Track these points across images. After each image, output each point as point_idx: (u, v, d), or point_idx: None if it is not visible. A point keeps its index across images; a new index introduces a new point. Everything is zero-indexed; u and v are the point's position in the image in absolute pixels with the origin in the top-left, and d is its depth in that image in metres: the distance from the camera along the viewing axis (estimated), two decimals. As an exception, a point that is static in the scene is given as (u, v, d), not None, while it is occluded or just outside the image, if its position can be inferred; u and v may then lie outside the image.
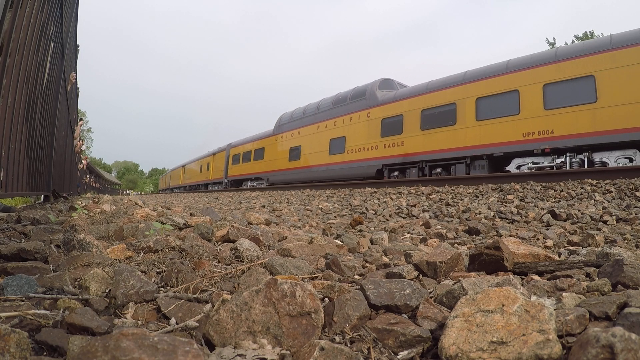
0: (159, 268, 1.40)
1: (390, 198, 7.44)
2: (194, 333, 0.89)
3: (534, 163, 9.80)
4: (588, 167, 8.87)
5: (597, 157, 9.02)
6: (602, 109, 8.61)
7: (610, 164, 8.77)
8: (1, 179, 3.21)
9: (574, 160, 9.18)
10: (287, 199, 9.74)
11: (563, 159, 9.27)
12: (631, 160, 8.54)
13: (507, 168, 10.26)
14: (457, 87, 11.32)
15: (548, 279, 1.33)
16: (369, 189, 9.55)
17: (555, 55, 9.65)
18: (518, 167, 10.01)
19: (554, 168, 9.33)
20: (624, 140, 8.34)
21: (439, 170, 11.69)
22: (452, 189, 7.69)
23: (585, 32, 29.13)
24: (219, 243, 2.07)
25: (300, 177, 16.73)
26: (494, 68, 10.81)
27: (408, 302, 1.01)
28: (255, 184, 20.71)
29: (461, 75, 11.58)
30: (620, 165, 8.43)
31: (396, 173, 12.77)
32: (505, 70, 10.42)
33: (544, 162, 9.62)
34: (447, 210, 5.57)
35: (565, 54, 9.47)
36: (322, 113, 16.34)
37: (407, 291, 1.04)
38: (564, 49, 9.77)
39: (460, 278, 1.27)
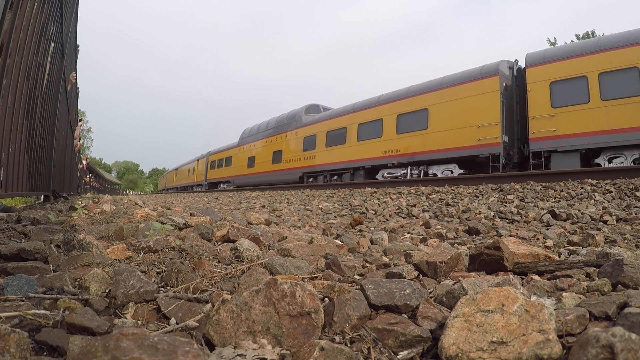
0: (159, 268, 1.40)
1: (390, 198, 7.44)
2: (194, 333, 0.89)
3: (389, 173, 13.10)
4: (423, 177, 11.72)
5: (430, 170, 11.98)
6: (431, 134, 11.72)
7: (439, 175, 11.53)
8: (1, 179, 3.21)
9: (413, 171, 12.34)
10: (287, 199, 9.75)
11: (406, 171, 12.49)
12: (451, 172, 11.42)
13: (377, 176, 13.53)
14: (348, 115, 15.07)
15: (548, 279, 1.33)
16: (369, 189, 9.55)
17: (407, 92, 12.85)
18: (382, 176, 13.28)
19: (402, 177, 12.37)
20: (446, 157, 11.28)
21: (335, 177, 15.45)
22: (452, 189, 7.69)
23: (587, 31, 29.14)
24: (219, 243, 2.07)
25: (254, 181, 20.50)
26: (370, 101, 14.27)
27: (408, 302, 1.01)
28: (225, 186, 24.50)
29: (351, 105, 15.29)
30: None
31: (311, 179, 16.66)
32: (376, 103, 13.87)
33: (396, 172, 12.86)
34: (447, 210, 5.57)
35: (413, 91, 12.63)
36: (269, 130, 20.16)
37: (407, 291, 1.04)
38: (414, 87, 12.80)
39: (460, 278, 1.27)
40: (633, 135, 8.46)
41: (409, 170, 12.37)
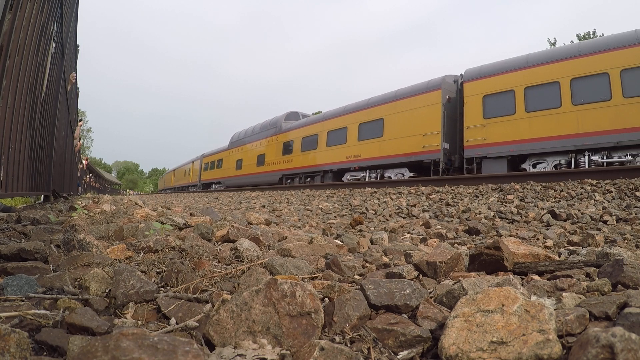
0: (159, 268, 1.40)
1: (390, 198, 7.44)
2: (194, 333, 0.89)
3: (352, 176, 14.61)
4: (380, 179, 12.86)
5: (386, 173, 13.29)
6: (386, 141, 13.13)
7: (393, 178, 12.73)
8: (1, 179, 3.21)
9: (372, 174, 13.75)
10: (287, 199, 9.75)
11: (365, 174, 13.96)
12: (403, 175, 12.61)
13: (342, 179, 14.93)
14: (319, 123, 16.62)
15: (548, 279, 1.33)
16: (369, 189, 9.56)
17: (367, 103, 14.35)
18: (346, 178, 14.75)
19: (362, 179, 13.83)
20: (398, 162, 12.64)
21: (308, 179, 16.89)
22: (452, 189, 7.69)
23: (588, 31, 29.24)
24: (219, 243, 2.07)
25: (241, 182, 22.02)
26: (337, 111, 15.91)
27: (408, 302, 1.01)
28: (217, 186, 26.00)
29: (322, 115, 17.14)
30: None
31: (289, 181, 18.17)
32: (342, 113, 15.43)
33: (357, 175, 14.34)
34: (447, 210, 5.57)
35: (372, 102, 14.08)
36: (255, 135, 21.76)
37: (407, 291, 1.04)
38: (373, 99, 14.19)
39: (460, 278, 1.27)
40: (553, 143, 9.37)
41: (367, 173, 13.84)
